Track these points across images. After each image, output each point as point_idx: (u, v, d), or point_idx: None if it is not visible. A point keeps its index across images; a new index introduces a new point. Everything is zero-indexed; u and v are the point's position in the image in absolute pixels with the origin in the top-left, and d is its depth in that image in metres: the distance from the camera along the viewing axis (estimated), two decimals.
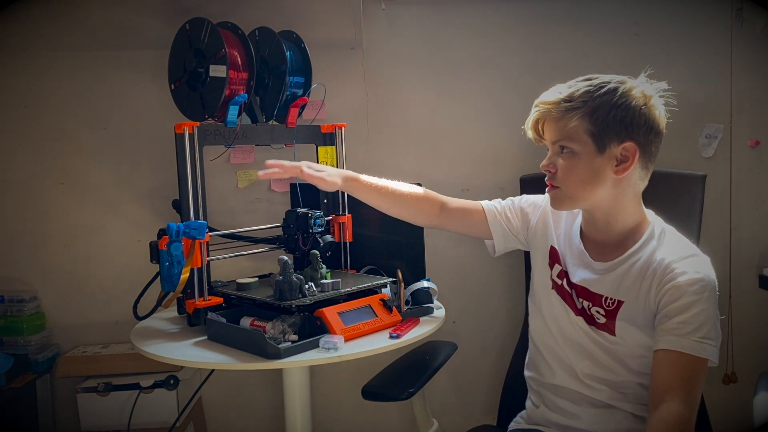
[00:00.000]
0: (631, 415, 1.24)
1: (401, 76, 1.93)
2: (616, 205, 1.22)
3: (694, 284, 1.13)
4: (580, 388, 1.28)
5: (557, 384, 1.31)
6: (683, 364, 1.10)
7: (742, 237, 1.89)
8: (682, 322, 1.12)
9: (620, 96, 1.17)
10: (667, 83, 1.26)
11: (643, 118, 1.18)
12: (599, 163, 1.18)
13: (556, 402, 1.31)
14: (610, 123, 1.16)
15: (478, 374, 1.98)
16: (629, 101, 1.17)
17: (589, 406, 1.27)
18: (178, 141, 1.46)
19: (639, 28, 1.88)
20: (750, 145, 1.88)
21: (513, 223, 1.43)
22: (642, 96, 1.18)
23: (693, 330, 1.11)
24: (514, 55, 1.91)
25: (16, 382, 1.80)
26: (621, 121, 1.16)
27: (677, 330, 1.12)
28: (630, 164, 1.18)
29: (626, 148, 1.17)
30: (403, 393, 1.39)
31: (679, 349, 1.10)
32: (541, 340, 1.36)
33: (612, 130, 1.16)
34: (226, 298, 1.51)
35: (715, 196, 1.85)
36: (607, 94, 1.17)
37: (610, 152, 1.17)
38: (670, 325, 1.13)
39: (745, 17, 1.84)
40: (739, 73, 1.85)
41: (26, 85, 1.90)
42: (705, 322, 1.12)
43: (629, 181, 1.20)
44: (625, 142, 1.17)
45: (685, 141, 1.88)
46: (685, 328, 1.11)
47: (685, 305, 1.13)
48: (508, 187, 1.89)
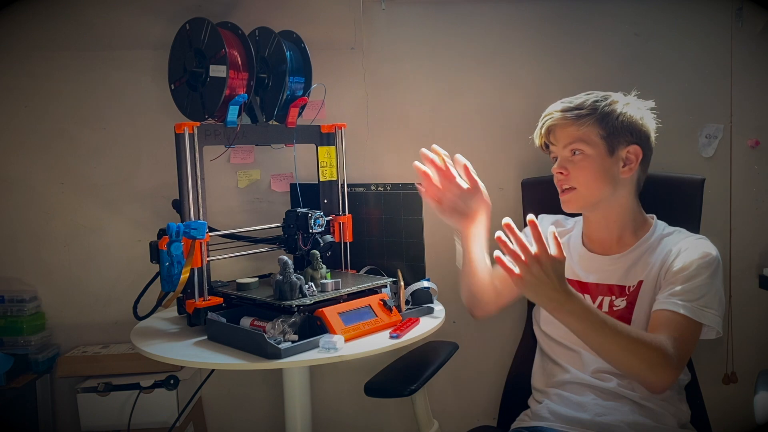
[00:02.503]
0: (637, 404, 1.26)
1: (401, 76, 1.93)
2: (621, 203, 1.36)
3: (703, 258, 1.27)
4: (588, 380, 1.30)
5: (565, 380, 1.33)
6: (679, 323, 1.22)
7: (742, 237, 1.89)
8: (687, 290, 1.24)
9: (623, 106, 1.34)
10: (667, 83, 1.33)
11: (644, 127, 1.35)
12: (609, 164, 1.32)
13: (562, 394, 1.32)
14: (619, 128, 1.32)
15: (478, 375, 1.98)
16: (631, 111, 1.35)
17: (596, 396, 1.28)
18: (178, 141, 1.46)
19: (639, 28, 1.88)
20: (750, 145, 1.88)
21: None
22: (638, 109, 1.36)
23: (697, 298, 1.23)
24: (514, 55, 1.91)
25: (16, 382, 1.80)
26: (628, 126, 1.33)
27: (682, 296, 1.23)
28: (635, 165, 1.33)
29: (631, 151, 1.33)
30: (406, 389, 1.39)
31: (680, 311, 1.22)
32: (551, 347, 1.41)
33: (621, 134, 1.32)
34: (226, 298, 1.51)
35: (715, 196, 1.85)
36: (612, 104, 1.33)
37: (618, 154, 1.33)
38: (674, 291, 1.24)
39: (745, 17, 1.84)
40: (739, 73, 1.85)
41: (26, 85, 1.90)
42: (708, 292, 1.24)
43: (632, 181, 1.36)
44: (630, 146, 1.33)
45: (685, 141, 1.88)
46: (689, 295, 1.23)
47: (690, 275, 1.25)
48: (508, 187, 1.89)
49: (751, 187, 1.89)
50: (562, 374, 1.35)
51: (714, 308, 1.24)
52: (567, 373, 1.34)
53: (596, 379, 1.30)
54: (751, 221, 1.89)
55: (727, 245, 1.88)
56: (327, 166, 1.74)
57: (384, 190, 1.71)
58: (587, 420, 1.27)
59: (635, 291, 1.31)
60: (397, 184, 1.70)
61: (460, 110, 1.93)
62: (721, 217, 1.88)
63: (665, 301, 1.24)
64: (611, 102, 1.33)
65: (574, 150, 1.32)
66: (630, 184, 1.35)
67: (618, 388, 1.28)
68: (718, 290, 1.27)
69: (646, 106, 1.38)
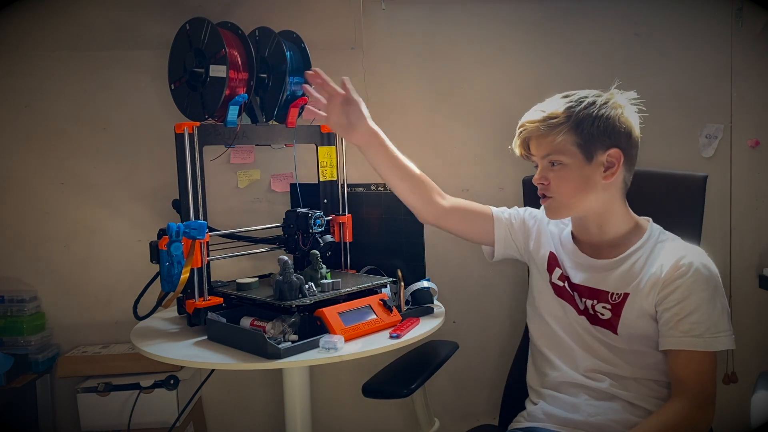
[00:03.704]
0: (629, 404, 1.26)
1: (401, 76, 1.93)
2: (608, 208, 1.31)
3: (704, 281, 1.21)
4: (580, 380, 1.30)
5: (559, 381, 1.33)
6: (698, 360, 1.19)
7: (742, 237, 1.89)
8: (695, 322, 1.19)
9: (599, 107, 1.26)
10: (667, 83, 1.31)
11: (623, 126, 1.27)
12: (588, 171, 1.26)
13: (556, 396, 1.32)
14: (595, 133, 1.25)
15: (479, 374, 1.98)
16: (608, 111, 1.26)
17: (588, 396, 1.29)
18: (178, 141, 1.46)
19: (639, 28, 1.88)
20: (750, 145, 1.88)
21: (516, 231, 1.46)
22: (618, 106, 1.27)
23: (708, 327, 1.19)
24: (514, 55, 1.91)
25: (16, 382, 1.80)
26: (604, 130, 1.25)
27: (692, 331, 1.19)
28: (616, 169, 1.26)
29: (611, 155, 1.26)
30: (404, 390, 1.39)
31: (698, 349, 1.19)
32: (543, 342, 1.39)
33: (597, 140, 1.25)
34: (226, 298, 1.51)
35: (715, 196, 1.85)
36: (588, 108, 1.25)
37: (597, 160, 1.26)
38: (684, 329, 1.20)
39: (745, 17, 1.84)
40: (739, 73, 1.85)
41: (26, 85, 1.90)
42: (713, 314, 1.20)
43: (617, 184, 1.29)
44: (610, 149, 1.26)
45: (685, 141, 1.88)
46: (700, 327, 1.19)
47: (694, 304, 1.20)
48: (508, 187, 1.89)
49: (751, 187, 1.89)
50: (554, 372, 1.35)
51: (724, 329, 1.20)
52: (559, 372, 1.34)
53: (589, 378, 1.30)
54: (751, 221, 1.89)
55: (727, 245, 1.88)
56: (327, 166, 1.74)
57: (384, 190, 1.71)
58: (580, 421, 1.27)
59: (620, 303, 1.27)
60: None
61: (459, 110, 1.93)
62: (721, 217, 1.88)
63: (679, 341, 1.21)
64: (586, 105, 1.25)
65: (551, 161, 1.28)
66: (614, 187, 1.29)
67: (610, 388, 1.27)
68: (724, 306, 1.22)
69: (627, 98, 1.30)
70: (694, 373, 1.19)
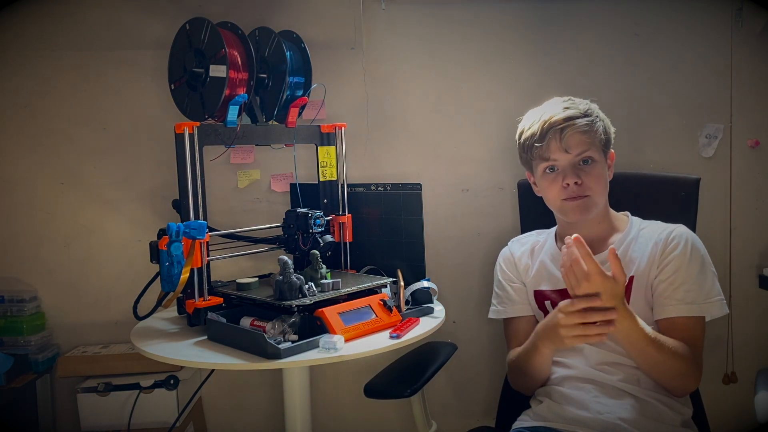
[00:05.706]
0: (640, 401, 1.27)
1: (401, 76, 1.93)
2: (606, 203, 1.42)
3: (695, 251, 1.32)
4: (591, 374, 1.31)
5: (564, 376, 1.33)
6: (691, 326, 1.28)
7: (742, 237, 1.89)
8: (687, 290, 1.28)
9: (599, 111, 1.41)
10: (667, 83, 1.33)
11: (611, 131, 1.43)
12: (605, 168, 1.39)
13: (563, 392, 1.32)
14: (609, 133, 1.41)
15: (477, 375, 1.98)
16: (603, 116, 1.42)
17: (597, 392, 1.28)
18: (178, 141, 1.46)
19: (639, 28, 1.88)
20: (750, 145, 1.88)
21: (522, 295, 1.49)
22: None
23: (698, 294, 1.28)
24: (515, 55, 1.91)
25: (16, 382, 1.80)
26: (610, 131, 1.41)
27: (686, 298, 1.28)
28: (612, 168, 1.42)
29: (611, 155, 1.42)
30: (406, 390, 1.40)
31: (693, 315, 1.28)
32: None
33: (610, 139, 1.40)
34: (226, 298, 1.51)
35: (715, 196, 1.85)
36: (597, 110, 1.40)
37: (607, 159, 1.40)
38: (677, 296, 1.29)
39: (745, 17, 1.84)
40: (739, 73, 1.85)
41: (26, 85, 1.90)
42: (704, 281, 1.30)
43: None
44: (610, 149, 1.41)
45: (685, 141, 1.88)
46: (693, 295, 1.28)
47: (685, 274, 1.29)
48: (508, 187, 1.89)
49: (751, 187, 1.89)
50: (560, 369, 1.35)
51: (715, 295, 1.30)
52: (565, 368, 1.34)
53: (600, 371, 1.30)
54: (751, 221, 1.89)
55: (727, 245, 1.88)
56: (327, 166, 1.74)
57: (384, 190, 1.71)
58: (589, 418, 1.26)
59: (627, 287, 1.30)
60: (397, 184, 1.70)
61: (459, 110, 1.93)
62: (720, 217, 1.88)
63: (673, 308, 1.29)
64: (595, 108, 1.39)
65: (586, 158, 1.34)
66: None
67: (620, 382, 1.28)
68: (712, 272, 1.32)
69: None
70: (689, 338, 1.27)
